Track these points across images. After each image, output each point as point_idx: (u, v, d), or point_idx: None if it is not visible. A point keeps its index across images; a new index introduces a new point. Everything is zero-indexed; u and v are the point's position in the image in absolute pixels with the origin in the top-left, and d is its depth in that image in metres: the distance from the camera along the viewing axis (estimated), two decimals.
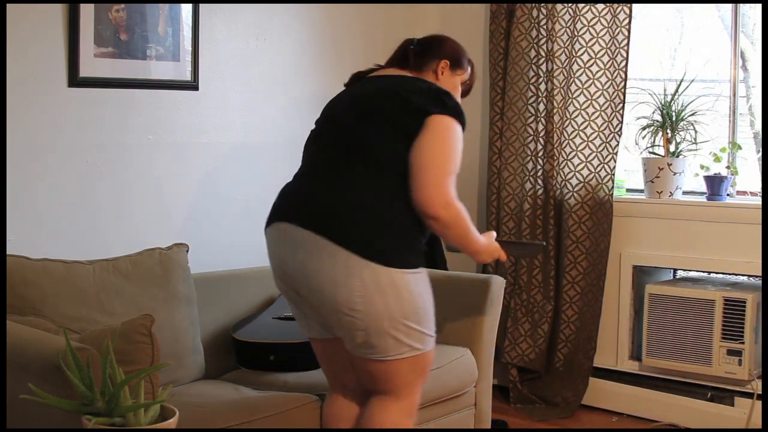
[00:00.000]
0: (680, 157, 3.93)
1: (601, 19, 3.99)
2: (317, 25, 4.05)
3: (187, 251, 3.26)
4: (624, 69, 3.97)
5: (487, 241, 2.74)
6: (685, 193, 3.99)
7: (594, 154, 4.05)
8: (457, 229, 2.56)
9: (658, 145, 3.99)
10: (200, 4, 3.55)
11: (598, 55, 4.00)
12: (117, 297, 2.98)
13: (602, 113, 4.02)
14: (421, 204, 2.49)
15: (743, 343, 3.66)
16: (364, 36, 4.30)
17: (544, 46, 4.13)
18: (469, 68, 2.85)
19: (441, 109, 2.56)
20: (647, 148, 4.02)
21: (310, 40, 4.03)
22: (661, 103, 3.96)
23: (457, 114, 2.59)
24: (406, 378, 2.57)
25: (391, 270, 2.45)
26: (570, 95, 4.06)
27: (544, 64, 4.13)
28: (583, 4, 4.00)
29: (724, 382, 3.76)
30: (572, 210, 4.07)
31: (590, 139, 4.05)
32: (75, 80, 3.20)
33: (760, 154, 3.92)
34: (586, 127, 4.05)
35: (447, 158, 2.54)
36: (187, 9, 3.50)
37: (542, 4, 4.10)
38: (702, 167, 3.94)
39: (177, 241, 3.36)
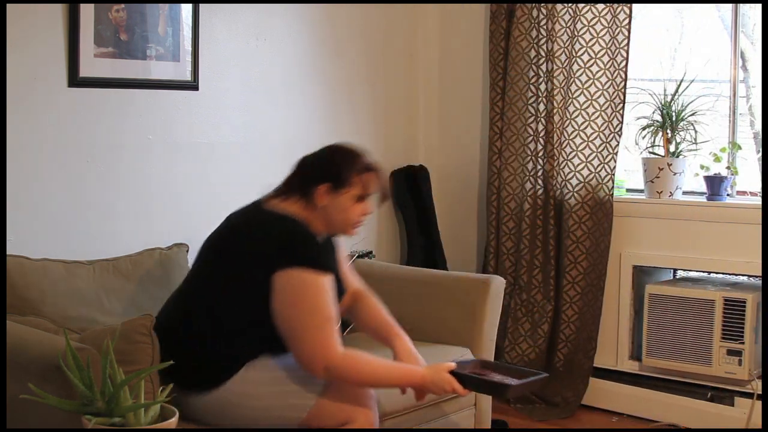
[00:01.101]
0: (680, 157, 3.93)
1: (601, 19, 3.98)
2: (317, 25, 4.05)
3: (187, 251, 3.26)
4: (624, 69, 3.97)
5: (431, 372, 2.50)
6: (685, 193, 3.99)
7: (594, 154, 4.04)
8: (355, 379, 2.47)
9: (658, 145, 3.99)
10: (200, 4, 3.55)
11: (598, 55, 4.00)
12: (117, 297, 2.98)
13: (602, 113, 4.02)
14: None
15: (743, 343, 3.66)
16: (364, 36, 4.30)
17: (544, 46, 4.12)
18: (365, 176, 2.56)
19: (289, 263, 2.41)
20: (647, 148, 4.02)
21: (310, 40, 4.03)
22: (661, 103, 3.96)
23: (311, 261, 2.42)
24: (332, 421, 2.53)
25: (204, 395, 2.48)
26: (570, 95, 4.06)
27: (544, 64, 4.13)
28: (583, 4, 4.00)
29: (724, 382, 3.76)
30: (572, 210, 4.07)
31: (590, 139, 4.05)
32: (75, 80, 3.20)
33: (760, 154, 3.92)
34: (586, 127, 4.05)
35: (308, 322, 2.42)
36: (187, 9, 3.50)
37: (542, 4, 4.10)
38: (702, 167, 3.94)
39: (177, 241, 3.36)
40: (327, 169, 2.57)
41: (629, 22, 3.94)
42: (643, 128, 4.02)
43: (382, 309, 2.86)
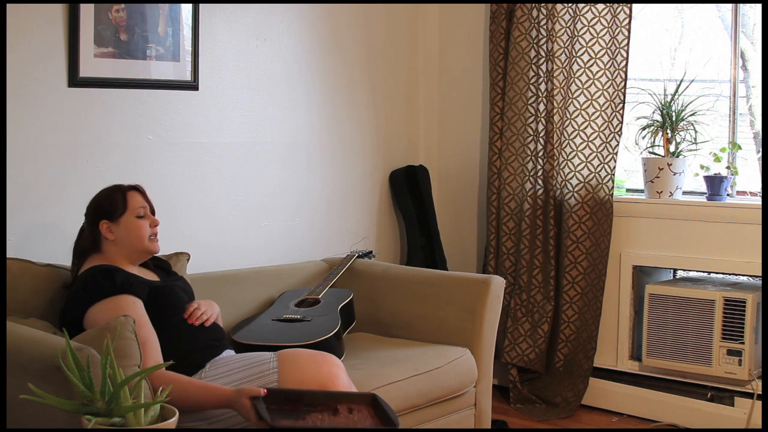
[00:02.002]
0: (680, 157, 3.93)
1: (601, 19, 3.98)
2: (317, 25, 4.05)
3: (188, 260, 3.25)
4: (624, 69, 3.97)
5: (235, 396, 2.42)
6: (685, 193, 3.99)
7: (594, 154, 4.04)
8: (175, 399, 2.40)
9: (658, 145, 3.99)
10: (200, 4, 3.55)
11: (599, 55, 4.00)
12: None
13: (602, 113, 4.02)
14: None
15: (743, 343, 3.66)
16: (365, 36, 4.30)
17: (544, 46, 4.13)
18: (128, 196, 2.80)
19: (85, 306, 2.60)
20: (647, 148, 4.02)
21: (310, 40, 4.03)
22: (661, 103, 3.96)
23: (99, 293, 2.60)
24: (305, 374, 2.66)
25: None
26: (570, 95, 4.06)
27: (544, 64, 4.13)
28: (583, 4, 4.00)
29: (724, 382, 3.76)
30: (572, 210, 4.07)
31: (590, 139, 4.05)
32: (75, 80, 3.20)
33: (760, 154, 3.92)
34: (586, 127, 4.05)
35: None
36: (187, 9, 3.50)
37: (542, 4, 4.10)
38: (702, 167, 3.94)
39: (176, 241, 3.36)
40: (97, 210, 2.80)
41: (629, 22, 3.94)
42: (643, 128, 4.02)
43: None
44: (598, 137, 4.04)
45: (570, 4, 4.04)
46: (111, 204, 2.78)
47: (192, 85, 3.57)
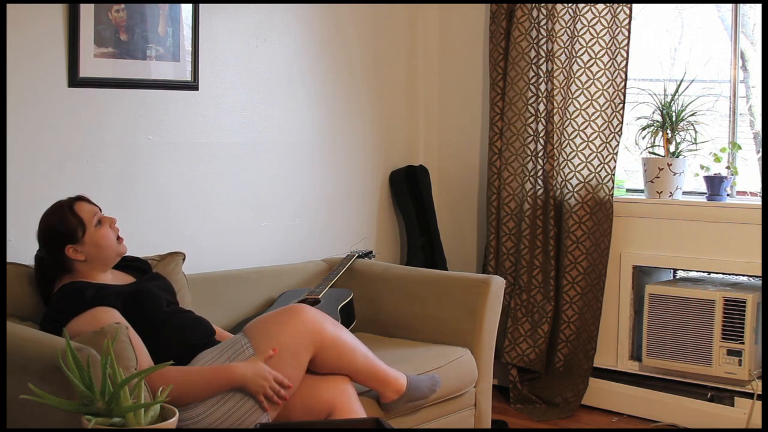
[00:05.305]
0: (680, 157, 3.93)
1: (601, 19, 3.98)
2: (317, 25, 4.05)
3: (183, 259, 3.24)
4: (624, 69, 3.97)
5: (249, 363, 2.56)
6: (685, 193, 3.99)
7: (594, 155, 4.04)
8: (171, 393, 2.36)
9: (658, 145, 3.99)
10: (200, 4, 3.55)
11: (599, 56, 4.00)
12: None
13: (602, 113, 4.02)
14: None
15: (743, 343, 3.66)
16: (365, 36, 4.30)
17: (544, 47, 4.13)
18: (77, 208, 2.74)
19: (62, 323, 2.54)
20: (647, 148, 4.03)
21: (310, 40, 4.03)
22: (661, 103, 3.96)
23: (73, 309, 2.57)
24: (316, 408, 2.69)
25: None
26: (570, 95, 4.06)
27: (544, 64, 4.13)
28: (583, 4, 4.00)
29: (724, 382, 3.76)
30: (572, 210, 4.07)
31: (590, 139, 4.05)
32: (75, 80, 3.20)
33: (760, 154, 3.92)
34: (586, 128, 4.05)
35: None
36: (187, 9, 3.50)
37: (542, 4, 4.10)
38: (702, 167, 3.94)
39: (176, 241, 3.35)
40: (55, 237, 2.71)
41: (629, 23, 3.94)
42: (643, 128, 4.02)
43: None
44: (598, 137, 4.04)
45: (570, 4, 4.04)
46: (67, 227, 2.70)
47: (192, 85, 3.57)
